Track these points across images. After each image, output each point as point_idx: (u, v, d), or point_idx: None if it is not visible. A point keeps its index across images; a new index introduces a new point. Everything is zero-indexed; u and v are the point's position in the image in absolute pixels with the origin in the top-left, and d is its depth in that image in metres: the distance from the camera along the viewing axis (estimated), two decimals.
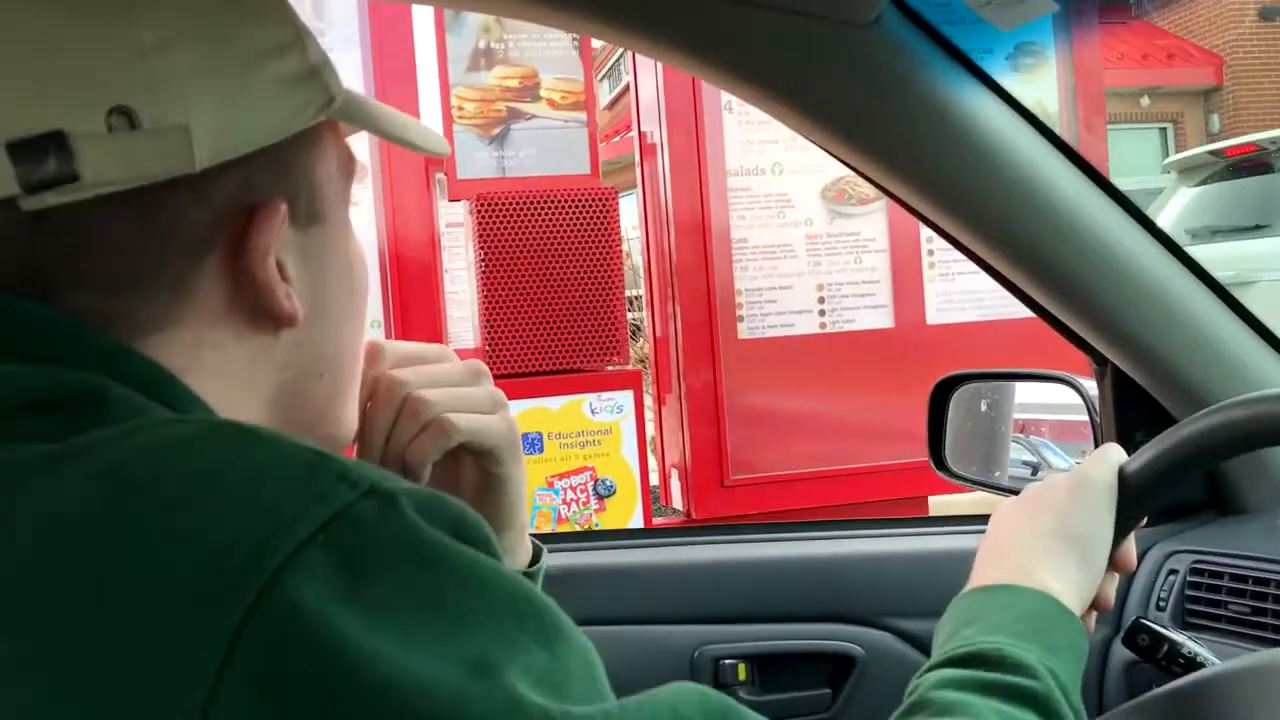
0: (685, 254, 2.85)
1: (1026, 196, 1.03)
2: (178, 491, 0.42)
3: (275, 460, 0.43)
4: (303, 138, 0.54)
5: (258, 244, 0.52)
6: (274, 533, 0.40)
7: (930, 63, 0.95)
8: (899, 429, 2.73)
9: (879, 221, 2.90)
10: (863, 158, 1.01)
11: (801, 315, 2.90)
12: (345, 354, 0.61)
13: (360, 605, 0.39)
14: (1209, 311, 1.10)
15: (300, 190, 0.55)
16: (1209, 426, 0.82)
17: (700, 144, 2.79)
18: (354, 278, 0.60)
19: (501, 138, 2.65)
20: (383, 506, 0.42)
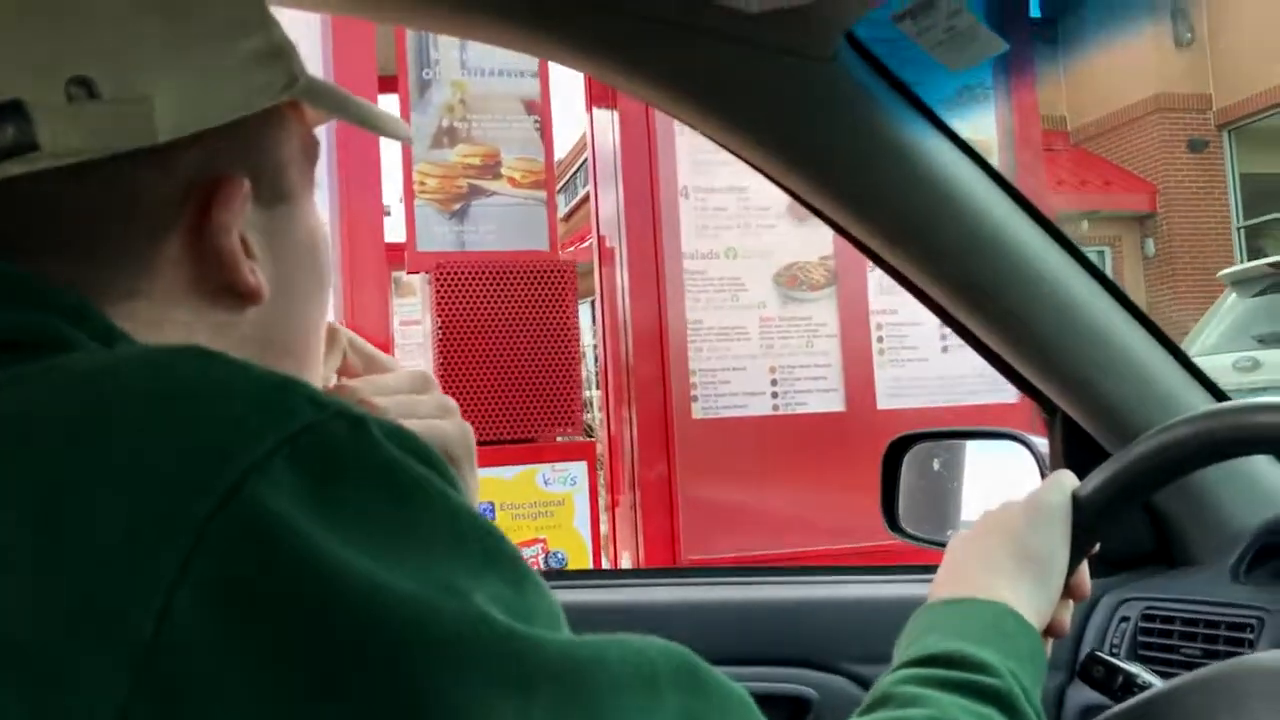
0: (642, 335, 2.88)
1: (978, 238, 1.07)
2: (144, 399, 0.42)
3: (243, 378, 0.43)
4: (267, 116, 0.55)
5: (221, 218, 0.52)
6: (241, 441, 0.39)
7: (885, 102, 0.99)
8: (852, 514, 2.73)
9: (830, 307, 2.96)
10: (817, 193, 1.05)
11: (755, 397, 2.92)
12: (309, 333, 0.61)
13: (326, 515, 0.39)
14: (1154, 357, 1.13)
15: (264, 168, 0.56)
16: (1157, 446, 0.84)
17: (657, 229, 2.84)
18: (317, 258, 0.61)
19: (462, 213, 2.69)
20: (351, 427, 0.42)
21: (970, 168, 1.04)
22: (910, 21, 0.90)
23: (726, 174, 2.92)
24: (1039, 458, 1.29)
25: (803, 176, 1.04)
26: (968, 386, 3.01)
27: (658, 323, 2.85)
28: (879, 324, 2.98)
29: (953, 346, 3.02)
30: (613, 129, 2.89)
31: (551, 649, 0.41)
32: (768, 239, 2.92)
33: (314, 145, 0.62)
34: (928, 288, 1.13)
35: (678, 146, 2.90)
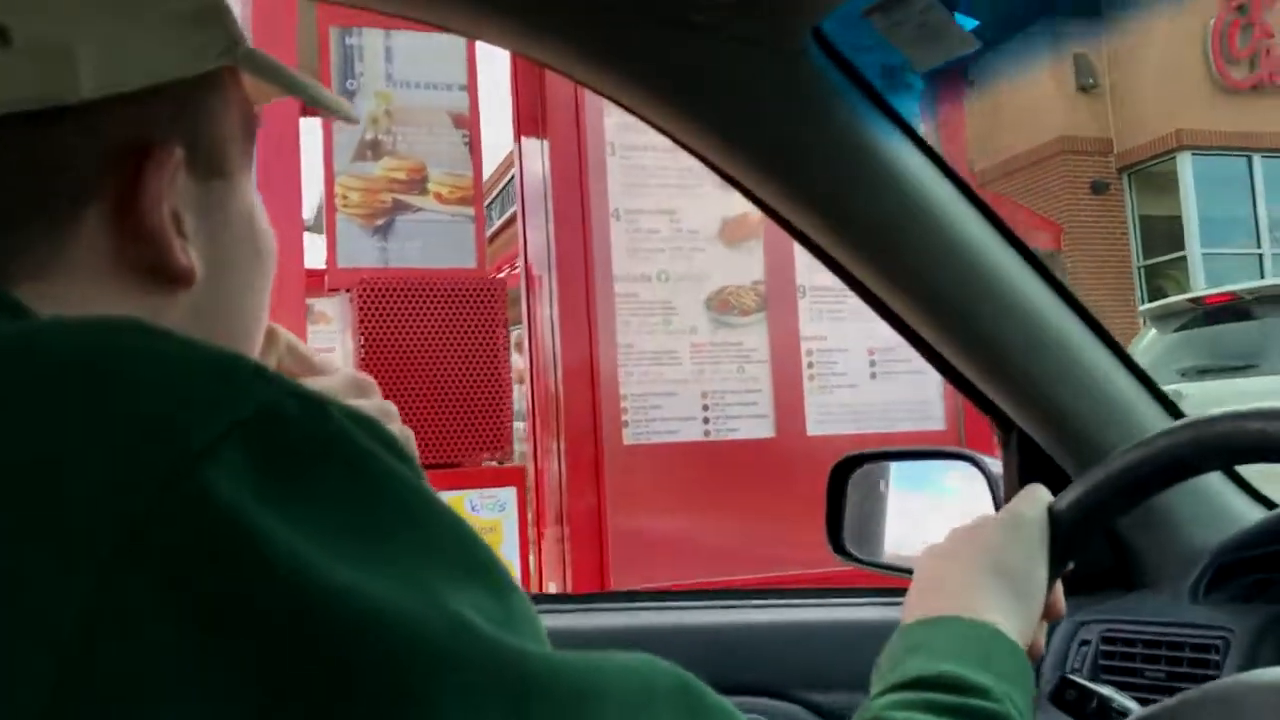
0: (572, 359, 2.82)
1: (940, 246, 1.04)
2: (73, 374, 0.36)
3: (185, 352, 0.38)
4: (204, 82, 0.50)
5: (150, 189, 0.47)
6: (186, 422, 0.35)
7: (851, 102, 0.95)
8: (783, 542, 2.71)
9: (761, 332, 2.94)
10: (776, 193, 1.00)
11: (686, 422, 2.88)
12: (249, 321, 0.56)
13: (289, 508, 0.35)
14: (1115, 374, 1.11)
15: (200, 138, 0.50)
16: (1137, 459, 0.82)
17: (588, 251, 2.80)
18: (257, 239, 0.55)
19: (386, 229, 2.61)
20: (309, 409, 0.37)
21: (934, 173, 1.01)
22: (882, 16, 0.87)
23: (658, 196, 2.89)
24: (991, 477, 1.26)
25: (763, 176, 0.99)
26: (896, 413, 3.02)
27: (588, 346, 2.80)
28: (809, 350, 2.97)
29: (881, 374, 3.03)
30: (543, 147, 2.84)
31: (541, 663, 0.36)
32: (699, 262, 2.89)
33: (253, 120, 0.56)
34: (885, 295, 1.10)
35: (609, 167, 2.86)
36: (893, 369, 3.02)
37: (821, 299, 2.99)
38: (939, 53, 0.88)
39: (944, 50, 0.88)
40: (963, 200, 1.02)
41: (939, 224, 1.03)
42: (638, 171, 2.88)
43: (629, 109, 0.99)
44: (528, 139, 2.94)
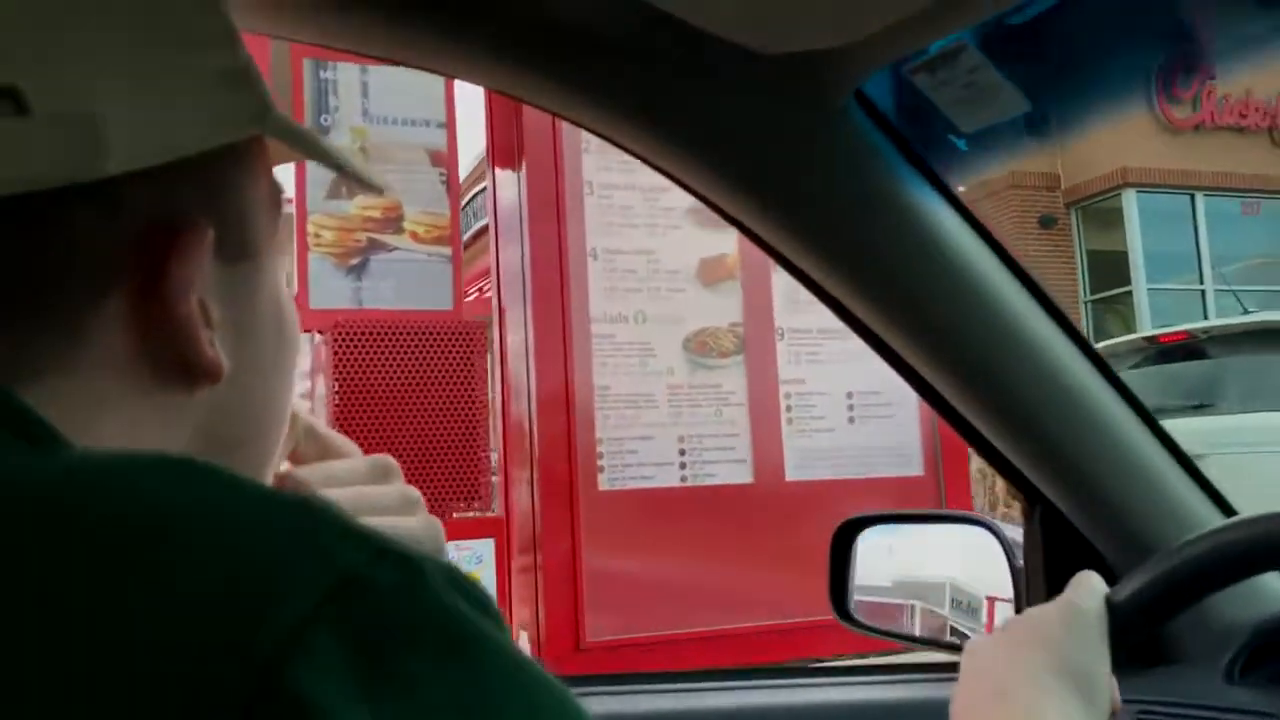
0: (547, 400, 2.75)
1: (977, 314, 0.99)
2: (117, 538, 0.30)
3: (253, 503, 0.33)
4: (233, 153, 0.45)
5: (179, 275, 0.41)
6: (263, 600, 0.30)
7: (889, 161, 0.91)
8: (762, 590, 2.66)
9: (739, 374, 2.89)
10: (804, 250, 0.95)
11: (663, 467, 2.82)
12: (272, 419, 0.50)
13: (382, 702, 0.30)
14: (1154, 453, 1.07)
15: (228, 216, 0.45)
16: (1205, 550, 0.79)
17: (565, 290, 2.73)
18: (284, 325, 0.49)
19: (360, 268, 2.53)
20: (403, 572, 0.33)
21: (973, 239, 0.96)
22: (927, 75, 0.83)
23: (636, 236, 2.84)
24: (1006, 544, 1.22)
25: (792, 234, 0.94)
26: (875, 458, 2.98)
27: (564, 388, 2.73)
28: (788, 393, 2.93)
29: (859, 418, 2.99)
30: (519, 186, 2.78)
31: None
32: (677, 303, 2.84)
33: (279, 193, 0.50)
34: (914, 359, 1.05)
35: (586, 206, 2.81)
36: (870, 413, 2.99)
37: (800, 342, 2.96)
38: (987, 113, 0.84)
39: (993, 111, 0.84)
40: (1003, 268, 0.98)
41: (976, 291, 0.99)
42: (615, 211, 2.83)
43: (650, 161, 0.94)
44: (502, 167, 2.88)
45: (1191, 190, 12.56)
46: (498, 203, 2.87)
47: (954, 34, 0.77)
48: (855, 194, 0.91)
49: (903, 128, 0.88)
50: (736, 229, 0.98)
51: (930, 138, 0.89)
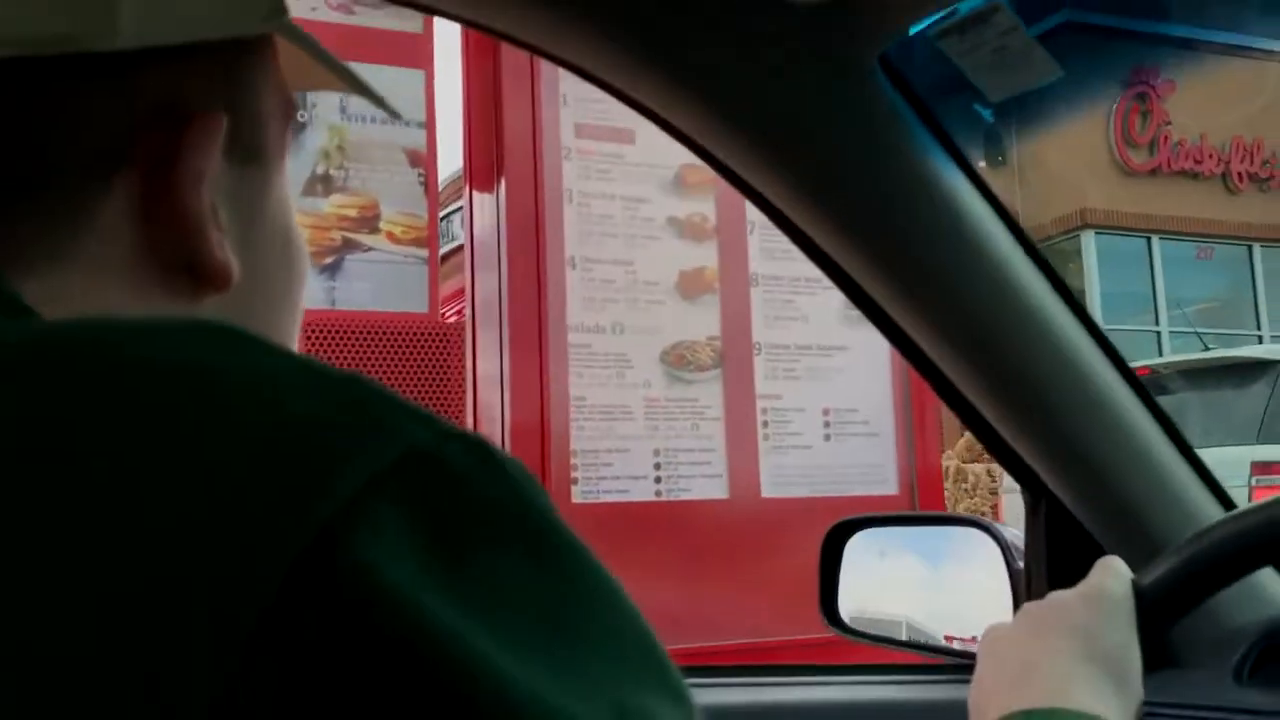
0: (522, 411, 2.71)
1: (992, 295, 0.97)
2: (153, 395, 0.27)
3: (301, 369, 0.30)
4: (246, 49, 0.43)
5: (191, 164, 0.38)
6: (321, 467, 0.27)
7: (912, 130, 0.88)
8: (736, 607, 2.62)
9: (716, 389, 2.87)
10: (814, 217, 0.92)
11: (637, 481, 2.78)
12: (288, 344, 0.48)
13: (458, 591, 0.27)
14: (1162, 447, 1.05)
15: (242, 114, 0.42)
16: (1241, 529, 0.77)
17: (542, 299, 2.70)
18: (291, 245, 0.47)
19: (334, 268, 2.48)
20: (474, 453, 0.30)
21: (993, 217, 0.94)
22: (956, 38, 0.80)
23: (615, 246, 2.82)
24: (1006, 546, 1.19)
25: (804, 198, 0.91)
26: (850, 476, 2.96)
27: (539, 399, 2.69)
28: (765, 409, 2.90)
29: (835, 435, 2.97)
30: (497, 189, 2.75)
31: None
32: (656, 315, 2.81)
33: (292, 102, 0.48)
34: (921, 338, 1.02)
35: (566, 215, 2.78)
36: (846, 430, 2.97)
37: (778, 357, 2.94)
38: (1018, 81, 0.82)
39: (1024, 78, 0.82)
40: (1019, 250, 0.96)
41: (990, 271, 0.96)
42: (595, 220, 2.81)
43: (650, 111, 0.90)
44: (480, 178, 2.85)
45: (1148, 233, 12.80)
46: (474, 218, 2.84)
47: None
48: (872, 159, 0.89)
49: (927, 98, 0.86)
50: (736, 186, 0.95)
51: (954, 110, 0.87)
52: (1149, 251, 12.81)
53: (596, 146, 2.79)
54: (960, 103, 1.14)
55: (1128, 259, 12.70)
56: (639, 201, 2.83)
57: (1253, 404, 5.63)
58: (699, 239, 2.89)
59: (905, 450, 2.93)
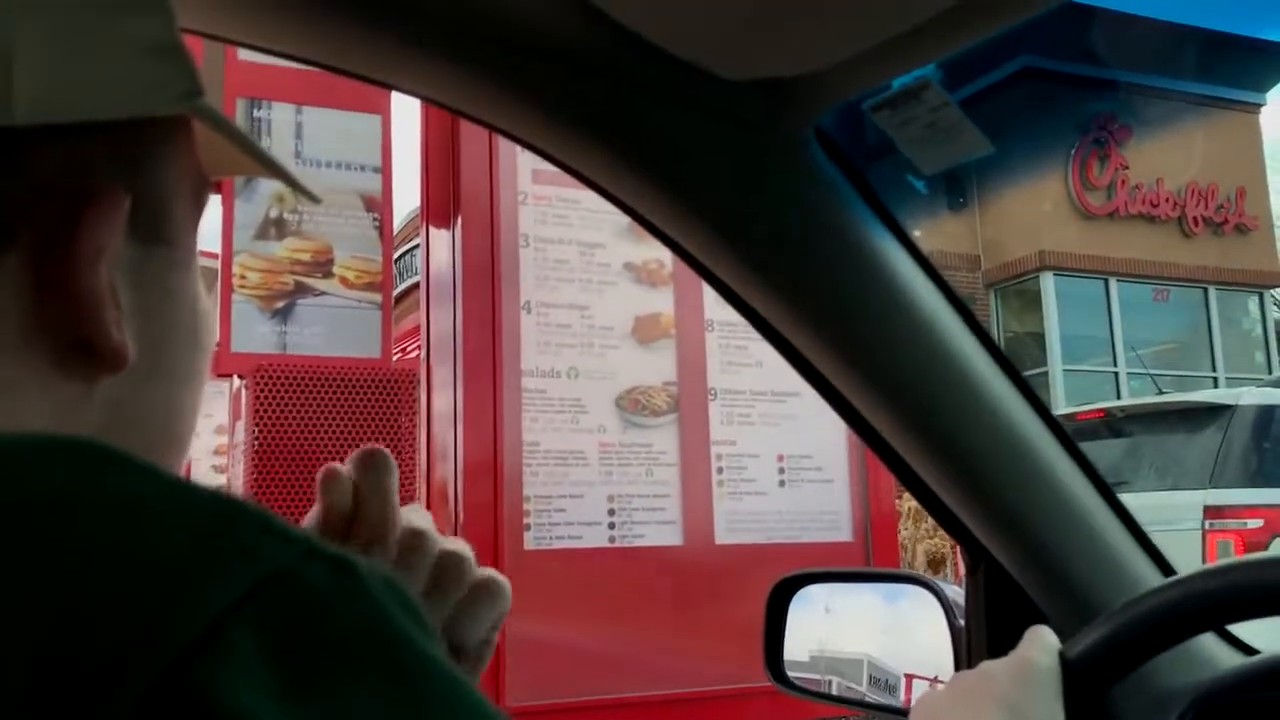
0: (473, 459, 2.68)
1: (927, 359, 0.97)
2: (12, 527, 0.27)
3: (166, 493, 0.30)
4: (156, 128, 0.42)
5: (87, 242, 0.37)
6: (175, 594, 0.27)
7: (845, 199, 0.89)
8: (689, 655, 2.60)
9: (671, 434, 2.86)
10: (751, 283, 0.93)
11: (591, 527, 2.76)
12: (179, 428, 0.45)
13: (304, 709, 0.27)
14: (1100, 512, 1.06)
15: (147, 194, 0.41)
16: (1158, 604, 0.78)
17: (497, 344, 2.68)
18: (199, 324, 0.46)
19: (285, 312, 2.46)
20: (335, 573, 0.30)
21: (927, 284, 0.95)
22: (889, 112, 0.81)
23: (571, 291, 2.82)
24: (946, 603, 1.19)
25: (741, 266, 0.92)
26: (805, 523, 2.96)
27: (492, 443, 2.67)
28: (719, 454, 2.90)
29: (790, 481, 2.97)
30: (453, 241, 2.74)
31: None
32: (611, 360, 2.81)
33: (204, 184, 0.46)
34: (859, 403, 1.02)
35: (522, 259, 2.78)
36: (801, 477, 2.97)
37: (733, 403, 2.94)
38: (949, 155, 0.83)
39: (955, 152, 0.83)
40: (956, 317, 0.97)
41: (927, 337, 0.97)
42: (550, 265, 2.80)
43: (592, 181, 0.91)
44: (437, 219, 2.85)
45: (1106, 275, 12.99)
46: (430, 259, 2.83)
47: (919, 68, 0.76)
48: (808, 229, 0.89)
49: (861, 167, 0.86)
50: (677, 254, 0.95)
51: (888, 179, 0.88)
52: (1106, 293, 13.00)
53: (553, 191, 2.80)
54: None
55: (1086, 301, 12.88)
56: (595, 247, 2.84)
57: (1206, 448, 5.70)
58: (654, 284, 2.90)
59: (860, 496, 2.94)
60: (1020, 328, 13.25)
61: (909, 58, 0.75)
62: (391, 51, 0.77)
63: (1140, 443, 6.01)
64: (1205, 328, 13.30)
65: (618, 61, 0.77)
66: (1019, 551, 1.07)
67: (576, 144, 0.83)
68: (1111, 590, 1.04)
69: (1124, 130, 12.92)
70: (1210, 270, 13.19)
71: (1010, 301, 13.41)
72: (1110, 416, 6.28)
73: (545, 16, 0.75)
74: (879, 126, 0.82)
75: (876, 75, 0.77)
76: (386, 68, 0.78)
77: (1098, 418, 6.33)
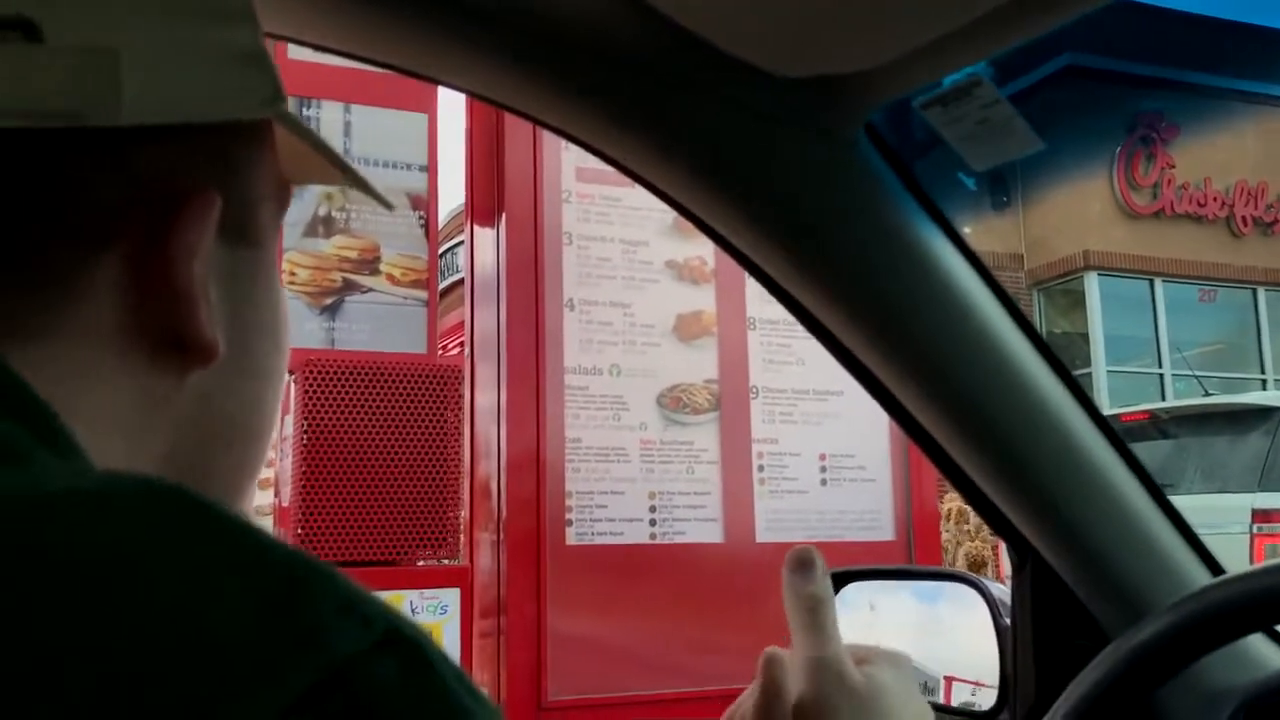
0: (517, 454, 2.71)
1: (978, 359, 0.98)
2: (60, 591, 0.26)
3: (239, 559, 0.28)
4: (245, 132, 0.43)
5: (184, 238, 0.39)
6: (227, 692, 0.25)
7: (896, 198, 0.90)
8: (729, 653, 2.60)
9: (712, 432, 2.86)
10: (800, 281, 0.93)
11: (632, 524, 2.77)
12: (262, 422, 0.46)
13: None
14: (1148, 510, 1.05)
15: (236, 197, 0.43)
16: (1221, 598, 0.77)
17: (540, 341, 2.70)
18: (279, 329, 0.47)
19: (334, 309, 2.49)
20: (408, 666, 0.28)
21: (979, 284, 0.95)
22: (940, 109, 0.82)
23: (613, 288, 2.83)
24: (992, 603, 1.19)
25: (790, 264, 0.92)
26: (846, 522, 2.95)
27: (535, 439, 2.69)
28: (760, 453, 2.90)
29: (831, 480, 2.97)
30: (497, 239, 2.76)
31: None
32: (652, 357, 2.82)
33: (287, 189, 0.48)
34: (907, 400, 1.03)
35: (565, 257, 2.79)
36: (843, 476, 2.96)
37: (775, 401, 2.94)
38: (1000, 151, 0.83)
39: (1006, 149, 0.83)
40: (1006, 316, 0.97)
41: (978, 336, 0.97)
42: (593, 263, 2.82)
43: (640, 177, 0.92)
44: (481, 217, 2.87)
45: (1151, 276, 12.81)
46: (474, 257, 2.85)
47: (971, 65, 0.76)
48: (858, 226, 0.90)
49: (912, 165, 0.87)
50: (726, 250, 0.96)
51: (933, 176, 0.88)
52: (1152, 294, 12.82)
53: (596, 190, 2.81)
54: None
55: (1130, 301, 12.70)
56: (637, 244, 2.85)
57: (1254, 451, 5.61)
58: (697, 282, 2.90)
59: (902, 496, 2.92)
60: (1064, 328, 13.10)
61: (961, 55, 0.76)
62: (442, 47, 0.78)
63: (1186, 445, 5.92)
64: (1254, 329, 13.08)
65: (669, 58, 0.78)
66: (1066, 549, 1.06)
67: (626, 140, 0.85)
68: (1160, 589, 1.04)
69: (1171, 129, 12.73)
70: (1259, 271, 12.96)
71: (1054, 301, 13.26)
72: (1155, 418, 6.20)
73: (597, 13, 0.76)
74: (928, 123, 0.82)
75: (929, 72, 0.77)
76: (438, 63, 0.79)
77: (1142, 419, 6.25)
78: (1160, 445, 6.02)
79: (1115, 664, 0.71)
